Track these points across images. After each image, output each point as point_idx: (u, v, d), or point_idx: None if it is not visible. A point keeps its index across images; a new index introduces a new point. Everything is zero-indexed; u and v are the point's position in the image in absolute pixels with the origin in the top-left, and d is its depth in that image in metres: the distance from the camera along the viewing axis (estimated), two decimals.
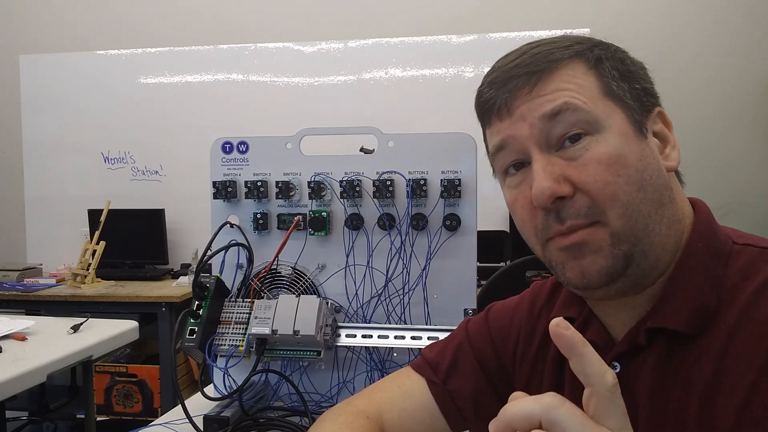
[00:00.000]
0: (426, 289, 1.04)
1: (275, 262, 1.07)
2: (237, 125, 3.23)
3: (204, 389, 0.99)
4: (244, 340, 0.99)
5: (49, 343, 1.54)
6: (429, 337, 0.99)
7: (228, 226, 1.08)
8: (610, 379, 0.39)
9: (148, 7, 3.54)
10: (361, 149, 1.14)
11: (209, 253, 1.03)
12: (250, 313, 1.01)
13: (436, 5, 3.33)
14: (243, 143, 1.11)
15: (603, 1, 3.22)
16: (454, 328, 0.83)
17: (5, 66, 3.58)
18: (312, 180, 1.07)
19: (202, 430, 0.94)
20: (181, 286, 2.94)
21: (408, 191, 1.03)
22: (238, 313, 1.02)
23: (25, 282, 3.04)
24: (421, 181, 1.03)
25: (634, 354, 0.57)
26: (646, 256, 0.55)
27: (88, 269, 2.90)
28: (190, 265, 3.13)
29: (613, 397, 0.39)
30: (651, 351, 0.56)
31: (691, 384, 0.53)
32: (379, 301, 1.06)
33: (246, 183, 1.09)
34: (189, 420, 0.92)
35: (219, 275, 1.05)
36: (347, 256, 1.07)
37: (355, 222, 1.06)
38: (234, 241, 1.08)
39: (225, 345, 0.99)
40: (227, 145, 1.12)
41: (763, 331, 0.50)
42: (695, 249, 0.57)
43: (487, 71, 0.62)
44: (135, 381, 2.83)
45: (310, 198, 1.07)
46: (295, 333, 0.96)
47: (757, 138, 3.16)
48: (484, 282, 1.61)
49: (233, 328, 1.01)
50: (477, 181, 1.03)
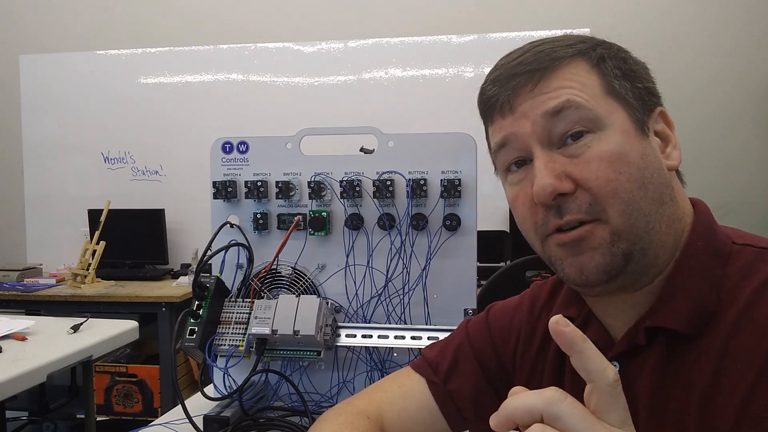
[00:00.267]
0: (426, 289, 1.04)
1: (275, 262, 1.07)
2: (237, 125, 3.23)
3: (204, 389, 0.99)
4: (244, 340, 0.99)
5: (49, 343, 1.54)
6: (429, 337, 0.99)
7: (228, 226, 1.08)
8: (611, 374, 0.39)
9: (148, 7, 3.54)
10: (361, 149, 1.14)
11: (209, 253, 1.03)
12: (250, 313, 1.01)
13: (436, 5, 3.33)
14: (243, 143, 1.11)
15: (603, 1, 3.22)
16: (454, 328, 0.83)
17: (5, 66, 3.58)
18: (312, 180, 1.07)
19: (202, 430, 0.94)
20: (181, 286, 2.94)
21: (408, 191, 1.03)
22: (238, 313, 1.02)
23: (25, 282, 3.04)
24: (421, 181, 1.03)
25: (633, 354, 0.57)
26: (646, 254, 0.55)
27: (88, 269, 2.90)
28: (190, 265, 3.13)
29: (614, 392, 0.39)
30: (651, 351, 0.56)
31: (691, 384, 0.53)
32: (379, 301, 1.06)
33: (246, 183, 1.09)
34: (189, 420, 0.92)
35: (219, 275, 1.05)
36: (347, 256, 1.07)
37: (355, 222, 1.06)
38: (234, 241, 1.08)
39: (225, 345, 0.99)
40: (227, 145, 1.12)
41: (762, 332, 0.50)
42: (695, 249, 0.57)
43: (491, 69, 0.62)
44: (135, 381, 2.83)
45: (310, 198, 1.07)
46: (295, 333, 0.96)
47: (757, 138, 3.16)
48: (484, 282, 1.61)
49: (233, 328, 1.01)
50: (477, 181, 1.03)
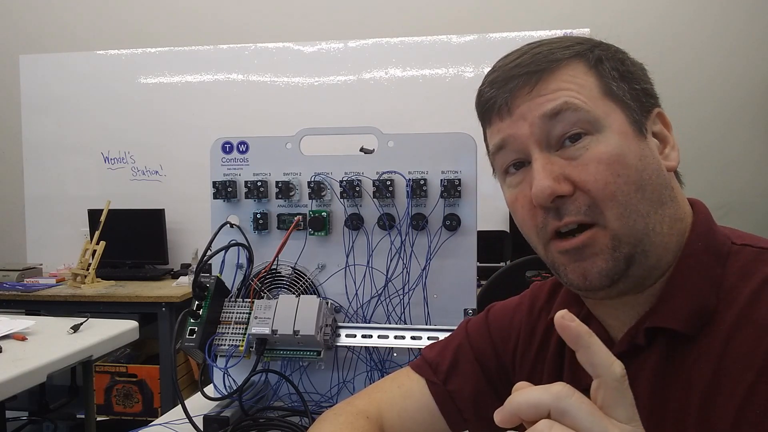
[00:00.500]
0: (426, 289, 1.04)
1: (275, 262, 1.07)
2: (237, 125, 3.23)
3: (204, 389, 0.99)
4: (244, 340, 0.99)
5: (49, 343, 1.54)
6: (429, 337, 0.99)
7: (228, 226, 1.08)
8: (618, 369, 0.39)
9: (148, 7, 3.54)
10: (361, 149, 1.15)
11: (209, 253, 1.03)
12: (250, 313, 1.01)
13: (436, 5, 3.33)
14: (243, 143, 1.11)
15: (603, 1, 3.22)
16: (454, 328, 0.83)
17: (5, 66, 3.58)
18: (312, 180, 1.07)
19: (202, 430, 0.94)
20: (181, 286, 2.94)
21: (408, 191, 1.03)
22: (238, 313, 1.02)
23: (25, 282, 3.04)
24: (421, 181, 1.03)
25: (633, 354, 0.57)
26: (648, 256, 0.55)
27: (88, 269, 2.90)
28: (190, 265, 3.13)
29: (621, 387, 0.39)
30: (650, 351, 0.56)
31: (691, 384, 0.53)
32: (379, 301, 1.06)
33: (246, 183, 1.09)
34: (189, 420, 0.92)
35: (219, 275, 1.05)
36: (347, 256, 1.07)
37: (355, 222, 1.06)
38: (234, 241, 1.08)
39: (225, 345, 0.99)
40: (227, 145, 1.12)
41: (761, 332, 0.50)
42: (694, 249, 0.57)
43: (488, 71, 0.62)
44: (135, 381, 2.83)
45: (310, 198, 1.07)
46: (295, 333, 0.96)
47: (757, 138, 3.16)
48: (484, 282, 1.61)
49: (233, 328, 1.01)
50: (477, 181, 1.03)
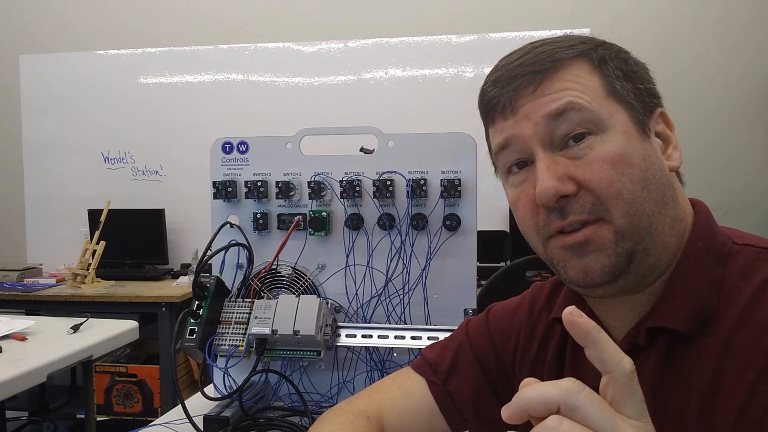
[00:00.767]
0: (426, 289, 1.04)
1: (275, 262, 1.07)
2: (237, 125, 3.23)
3: (204, 389, 0.99)
4: (244, 340, 0.99)
5: (49, 343, 1.54)
6: (429, 337, 0.99)
7: (228, 226, 1.08)
8: (627, 365, 0.38)
9: (148, 7, 3.54)
10: (361, 149, 1.14)
11: (209, 253, 1.03)
12: (250, 313, 1.01)
13: (436, 5, 3.33)
14: (243, 143, 1.11)
15: (603, 1, 3.22)
16: (454, 328, 0.83)
17: (5, 66, 3.58)
18: (312, 180, 1.07)
19: (202, 430, 0.94)
20: (181, 286, 2.94)
21: (408, 191, 1.03)
22: (238, 313, 1.02)
23: (25, 282, 3.04)
24: (421, 181, 1.03)
25: (634, 354, 0.56)
26: (648, 255, 0.55)
27: (88, 269, 2.90)
28: (190, 265, 3.13)
29: (631, 383, 0.38)
30: (651, 351, 0.56)
31: (691, 384, 0.52)
32: (379, 301, 1.06)
33: (246, 183, 1.09)
34: (189, 420, 0.92)
35: (219, 275, 1.05)
36: (347, 256, 1.07)
37: (355, 222, 1.06)
38: (234, 241, 1.08)
39: (225, 345, 0.99)
40: (227, 145, 1.12)
41: (762, 332, 0.50)
42: (695, 249, 0.57)
43: (491, 70, 0.62)
44: (135, 381, 2.83)
45: (310, 198, 1.07)
46: (295, 333, 0.96)
47: (757, 138, 3.16)
48: (484, 282, 1.61)
49: (233, 328, 1.01)
50: (477, 181, 1.03)
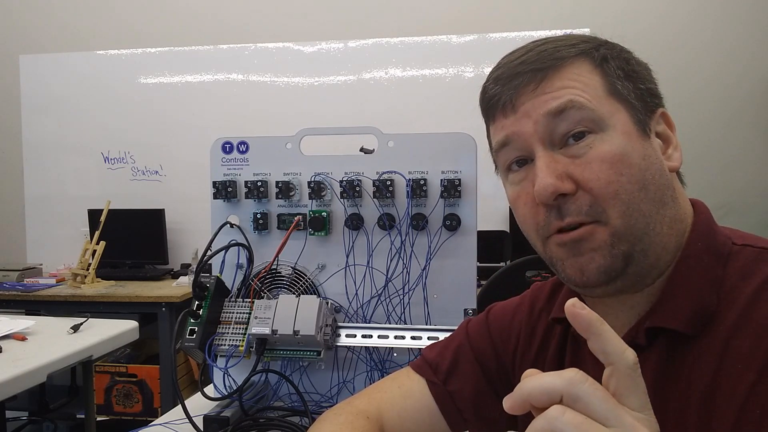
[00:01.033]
0: (426, 289, 1.04)
1: (275, 262, 1.07)
2: (237, 125, 3.23)
3: (204, 389, 0.99)
4: (244, 340, 0.99)
5: (49, 343, 1.53)
6: (429, 337, 0.99)
7: (228, 226, 1.08)
8: (630, 356, 0.38)
9: (148, 7, 3.54)
10: (361, 149, 1.14)
11: (209, 253, 1.03)
12: (250, 313, 1.01)
13: (436, 5, 3.33)
14: (243, 143, 1.11)
15: (603, 1, 3.22)
16: (454, 328, 0.83)
17: (5, 66, 3.58)
18: (312, 180, 1.07)
19: (202, 430, 0.94)
20: (181, 286, 2.94)
21: (408, 191, 1.03)
22: (238, 313, 1.02)
23: (25, 282, 3.04)
24: (421, 181, 1.03)
25: None
26: (647, 255, 0.55)
27: (88, 269, 2.90)
28: (190, 265, 3.13)
29: (634, 375, 0.38)
30: (651, 351, 0.56)
31: (691, 385, 0.52)
32: (379, 301, 1.06)
33: (246, 183, 1.09)
34: (189, 420, 0.92)
35: (219, 275, 1.05)
36: (347, 256, 1.07)
37: (355, 222, 1.06)
38: (234, 241, 1.08)
39: (225, 345, 0.99)
40: (227, 145, 1.12)
41: (761, 332, 0.50)
42: (695, 249, 0.57)
43: (493, 67, 0.62)
44: (135, 381, 2.83)
45: (310, 198, 1.07)
46: (295, 333, 0.96)
47: (757, 138, 3.16)
48: (484, 282, 1.61)
49: (233, 328, 1.01)
50: (477, 181, 1.03)
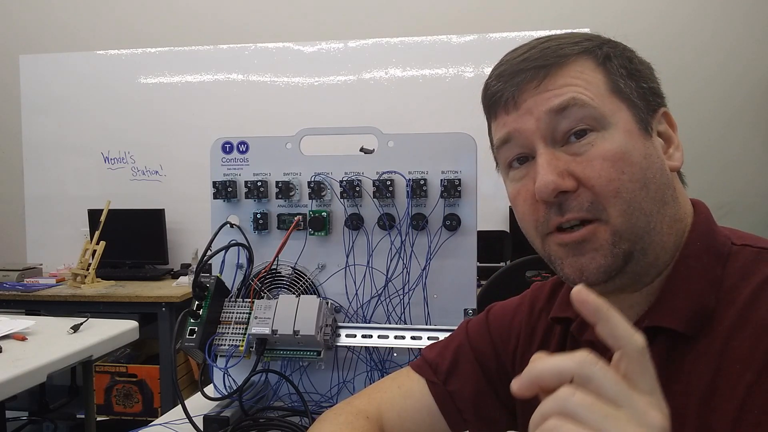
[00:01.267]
0: (426, 289, 1.04)
1: (275, 262, 1.07)
2: (237, 125, 3.23)
3: (204, 389, 0.99)
4: (244, 340, 0.99)
5: (49, 343, 1.53)
6: (429, 337, 0.99)
7: (228, 226, 1.08)
8: (639, 340, 0.39)
9: (148, 7, 3.54)
10: (361, 149, 1.15)
11: (209, 253, 1.03)
12: (250, 313, 1.01)
13: (436, 5, 3.33)
14: (243, 143, 1.11)
15: (603, 1, 3.22)
16: (454, 328, 0.83)
17: (5, 66, 3.58)
18: (312, 180, 1.07)
19: (202, 430, 0.94)
20: (181, 286, 2.94)
21: (408, 191, 1.03)
22: (238, 313, 1.02)
23: (25, 282, 3.04)
24: (421, 181, 1.03)
25: None
26: (646, 254, 0.56)
27: (88, 269, 2.90)
28: (190, 265, 3.13)
29: (643, 359, 0.39)
30: (650, 351, 0.56)
31: (690, 384, 0.52)
32: (379, 301, 1.06)
33: (246, 183, 1.09)
34: (189, 420, 0.92)
35: (219, 275, 1.05)
36: (347, 256, 1.07)
37: (355, 222, 1.06)
38: (234, 241, 1.08)
39: (225, 345, 0.99)
40: (227, 145, 1.12)
41: (760, 333, 0.50)
42: (694, 249, 0.57)
43: (496, 64, 0.62)
44: (135, 381, 2.83)
45: (310, 198, 1.07)
46: (295, 333, 0.96)
47: (757, 138, 3.16)
48: (484, 282, 1.61)
49: (233, 328, 1.01)
50: (477, 181, 1.03)
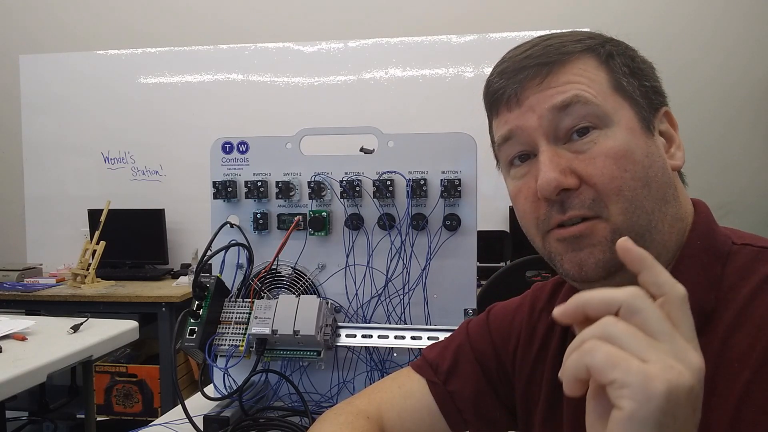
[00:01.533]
0: (426, 289, 1.04)
1: (275, 262, 1.07)
2: (237, 125, 3.23)
3: (204, 389, 0.99)
4: (244, 340, 0.99)
5: (49, 343, 1.53)
6: (429, 337, 0.99)
7: (228, 226, 1.08)
8: (681, 289, 0.39)
9: (148, 7, 3.54)
10: (361, 149, 1.15)
11: (209, 253, 1.03)
12: (250, 313, 1.01)
13: (436, 5, 3.33)
14: (243, 143, 1.11)
15: (603, 1, 3.22)
16: (454, 328, 0.83)
17: (5, 66, 3.58)
18: (312, 180, 1.07)
19: (202, 430, 0.94)
20: (181, 286, 2.94)
21: (408, 191, 1.03)
22: (238, 313, 1.02)
23: (25, 282, 3.04)
24: (421, 181, 1.03)
25: None
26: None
27: (88, 269, 2.90)
28: (190, 265, 3.13)
29: (684, 307, 0.39)
30: None
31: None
32: (379, 301, 1.06)
33: (246, 183, 1.09)
34: (189, 420, 0.92)
35: (219, 275, 1.05)
36: (347, 256, 1.07)
37: (355, 222, 1.06)
38: (234, 241, 1.08)
39: (225, 345, 0.99)
40: (227, 145, 1.12)
41: (757, 331, 0.50)
42: (694, 249, 0.57)
43: (498, 61, 0.62)
44: (135, 381, 2.83)
45: (310, 198, 1.07)
46: (295, 333, 0.96)
47: (757, 138, 3.16)
48: (484, 282, 1.61)
49: (233, 328, 1.01)
50: (477, 181, 1.03)
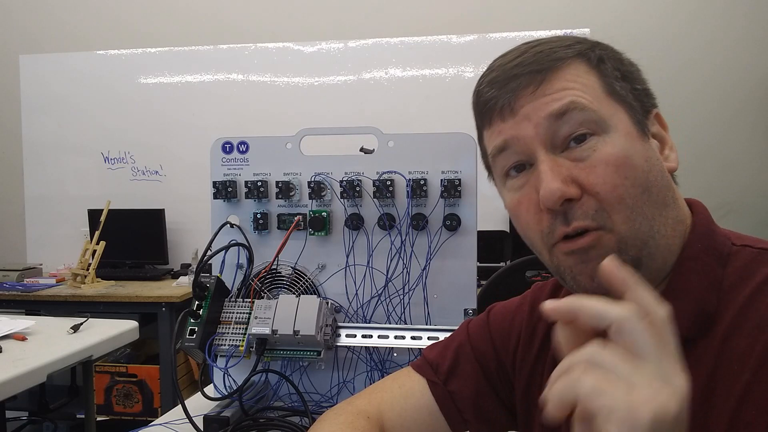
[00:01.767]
0: (426, 289, 1.04)
1: (275, 262, 1.07)
2: (237, 125, 3.23)
3: (204, 389, 0.99)
4: (244, 340, 0.99)
5: (49, 343, 1.53)
6: (429, 337, 0.99)
7: (228, 226, 1.08)
8: (664, 310, 0.41)
9: (148, 7, 3.54)
10: (361, 149, 1.15)
11: (209, 253, 1.03)
12: (250, 313, 1.01)
13: (436, 5, 3.33)
14: (243, 143, 1.11)
15: (603, 1, 3.21)
16: (454, 328, 0.83)
17: (5, 66, 3.58)
18: (312, 180, 1.07)
19: (202, 430, 0.94)
20: (181, 286, 2.94)
21: (408, 191, 1.03)
22: (238, 313, 1.02)
23: (25, 282, 3.04)
24: (421, 181, 1.03)
25: None
26: (653, 259, 0.55)
27: (88, 269, 2.90)
28: (190, 265, 3.13)
29: (668, 327, 0.41)
30: None
31: (690, 385, 0.52)
32: (379, 301, 1.06)
33: (246, 183, 1.09)
34: (189, 420, 0.92)
35: (219, 275, 1.05)
36: (347, 256, 1.07)
37: (355, 222, 1.06)
38: (234, 241, 1.08)
39: (225, 345, 0.99)
40: (227, 145, 1.12)
41: (757, 332, 0.50)
42: (694, 250, 0.56)
43: (484, 71, 0.61)
44: (135, 381, 2.83)
45: (310, 198, 1.07)
46: (295, 333, 0.96)
47: (757, 138, 3.16)
48: (484, 282, 1.61)
49: (233, 328, 1.01)
50: (477, 181, 1.03)
